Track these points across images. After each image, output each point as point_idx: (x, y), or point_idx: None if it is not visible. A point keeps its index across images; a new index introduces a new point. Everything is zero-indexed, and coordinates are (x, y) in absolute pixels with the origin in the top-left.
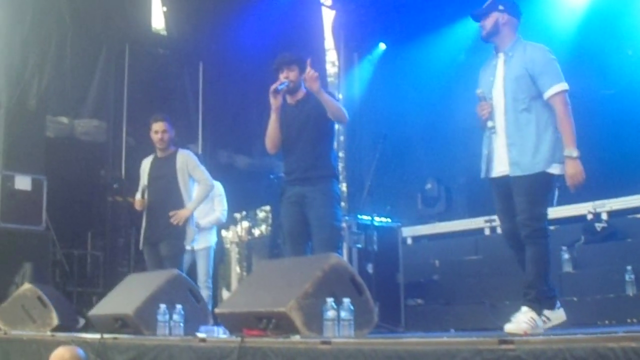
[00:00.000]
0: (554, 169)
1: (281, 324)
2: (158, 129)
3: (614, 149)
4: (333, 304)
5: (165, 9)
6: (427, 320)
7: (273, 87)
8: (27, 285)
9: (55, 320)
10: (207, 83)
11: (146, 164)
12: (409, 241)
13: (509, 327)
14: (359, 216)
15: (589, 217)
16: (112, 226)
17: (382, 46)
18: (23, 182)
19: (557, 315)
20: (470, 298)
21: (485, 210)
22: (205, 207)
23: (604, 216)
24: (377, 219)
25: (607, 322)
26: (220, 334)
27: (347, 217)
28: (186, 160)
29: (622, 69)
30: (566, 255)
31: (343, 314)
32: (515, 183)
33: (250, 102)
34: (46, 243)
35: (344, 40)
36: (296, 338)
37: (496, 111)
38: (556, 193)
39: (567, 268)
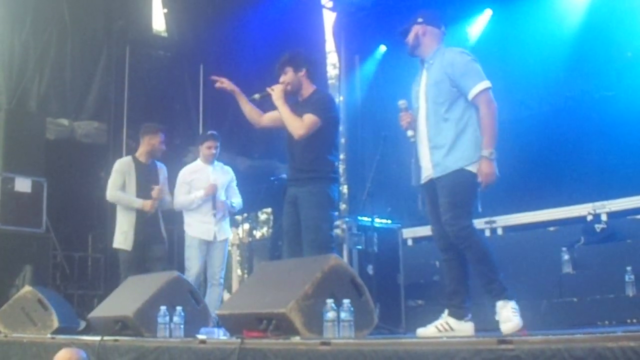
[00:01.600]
0: (474, 167)
1: (281, 325)
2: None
3: (613, 151)
4: (333, 305)
5: (166, 10)
6: (427, 321)
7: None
8: (27, 288)
9: (55, 323)
10: (207, 85)
11: (129, 166)
12: (410, 242)
13: (505, 328)
14: (360, 217)
15: (589, 218)
16: (112, 228)
17: (383, 48)
18: (23, 184)
19: (462, 327)
20: (470, 299)
21: (484, 211)
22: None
23: (604, 217)
24: (377, 220)
25: (606, 322)
26: (220, 335)
27: (347, 219)
28: (165, 174)
29: (622, 71)
30: (566, 256)
31: (343, 315)
32: (438, 184)
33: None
34: (46, 245)
35: (344, 43)
36: (296, 339)
37: (420, 119)
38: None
39: (567, 269)
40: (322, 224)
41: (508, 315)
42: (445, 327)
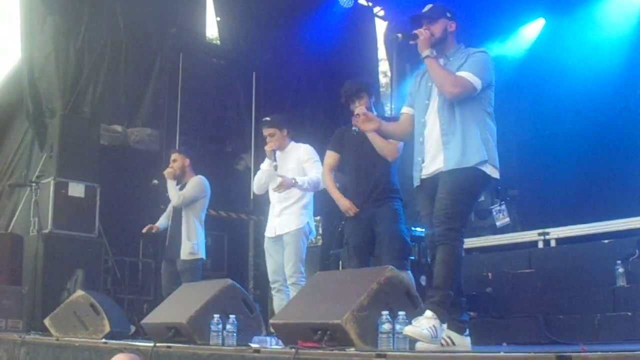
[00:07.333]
0: (487, 168)
1: (336, 336)
2: (170, 160)
3: None
4: (388, 316)
5: (219, 18)
6: (479, 333)
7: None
8: (80, 292)
9: (107, 327)
10: (260, 93)
11: None
12: (462, 253)
13: (408, 330)
14: (413, 228)
15: None
16: (163, 234)
17: None
18: (77, 189)
19: (462, 342)
20: (524, 311)
21: (538, 223)
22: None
23: None
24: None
25: None
26: (273, 344)
27: None
28: (191, 183)
29: None
30: (620, 269)
31: (398, 327)
32: (444, 177)
33: (303, 112)
34: (98, 250)
35: (396, 51)
36: (351, 350)
37: (430, 113)
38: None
39: (621, 282)
40: (405, 236)
41: (423, 325)
42: (448, 342)
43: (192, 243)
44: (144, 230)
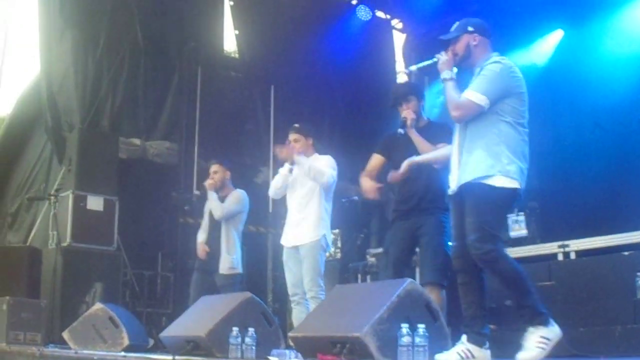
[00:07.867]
0: (497, 181)
1: (355, 349)
2: (210, 171)
3: None
4: (408, 329)
5: (237, 32)
6: (500, 346)
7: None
8: (98, 305)
9: (126, 341)
10: (278, 106)
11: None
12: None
13: (519, 356)
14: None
15: None
16: (182, 248)
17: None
18: (95, 203)
19: (482, 355)
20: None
21: (558, 235)
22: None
23: None
24: (450, 243)
25: None
26: (292, 357)
27: None
28: (232, 196)
29: None
30: None
31: (418, 340)
32: (464, 194)
33: (321, 125)
34: (117, 263)
35: (415, 63)
36: None
37: (457, 132)
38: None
39: None
40: (448, 252)
41: (530, 345)
42: (467, 354)
43: (232, 257)
44: (203, 256)
